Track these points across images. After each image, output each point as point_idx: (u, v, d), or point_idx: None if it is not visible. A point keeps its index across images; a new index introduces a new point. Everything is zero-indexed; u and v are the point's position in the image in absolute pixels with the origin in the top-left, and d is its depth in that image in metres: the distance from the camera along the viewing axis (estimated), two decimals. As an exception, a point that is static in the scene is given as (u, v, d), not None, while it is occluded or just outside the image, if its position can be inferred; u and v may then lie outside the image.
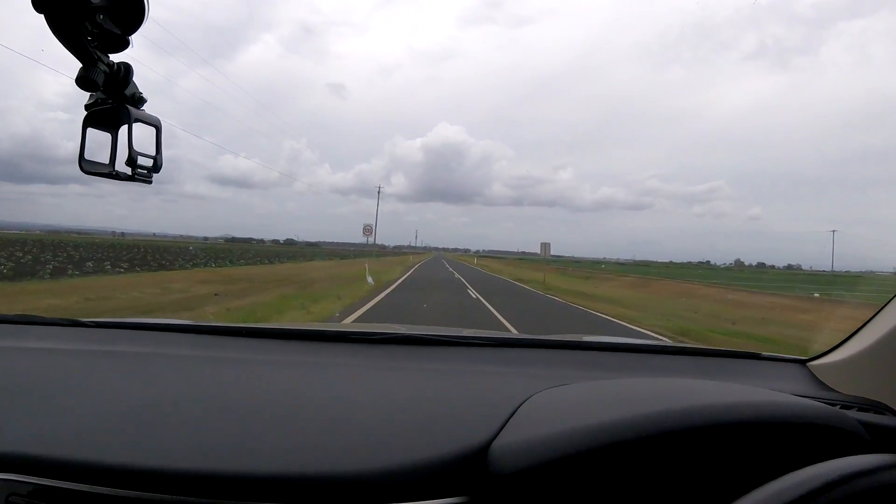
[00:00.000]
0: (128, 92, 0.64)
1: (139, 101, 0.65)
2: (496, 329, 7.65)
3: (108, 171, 0.64)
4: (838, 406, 0.92)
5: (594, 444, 0.65)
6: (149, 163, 0.66)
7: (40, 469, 0.65)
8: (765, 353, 1.36)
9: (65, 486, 0.64)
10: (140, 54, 0.61)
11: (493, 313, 10.06)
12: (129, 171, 0.64)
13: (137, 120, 0.64)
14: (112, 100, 0.63)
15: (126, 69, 0.63)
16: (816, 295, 18.26)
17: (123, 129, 0.64)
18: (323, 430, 0.76)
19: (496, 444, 0.71)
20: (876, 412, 0.95)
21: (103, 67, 0.60)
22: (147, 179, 0.66)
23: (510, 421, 0.77)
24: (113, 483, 0.63)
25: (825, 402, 0.88)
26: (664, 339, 7.11)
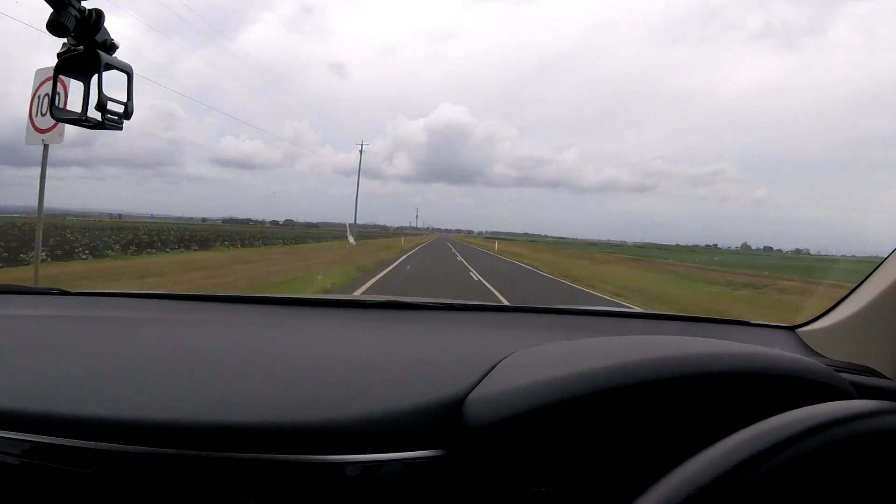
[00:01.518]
0: (99, 38, 0.63)
1: (111, 47, 0.64)
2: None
3: (78, 118, 0.64)
4: None
5: (570, 394, 0.65)
6: (119, 108, 0.65)
7: (23, 424, 0.66)
8: (753, 321, 1.36)
9: (46, 441, 0.64)
10: (142, 35, 0.66)
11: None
12: (98, 116, 0.64)
13: (108, 66, 0.63)
14: (83, 45, 0.63)
15: (97, 14, 0.62)
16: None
17: (96, 78, 0.64)
18: (301, 382, 0.77)
19: (472, 396, 0.71)
20: (864, 376, 0.93)
21: (74, 12, 0.59)
22: (118, 125, 0.66)
23: (487, 376, 0.77)
24: (94, 437, 0.64)
25: None
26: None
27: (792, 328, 1.27)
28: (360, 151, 41.47)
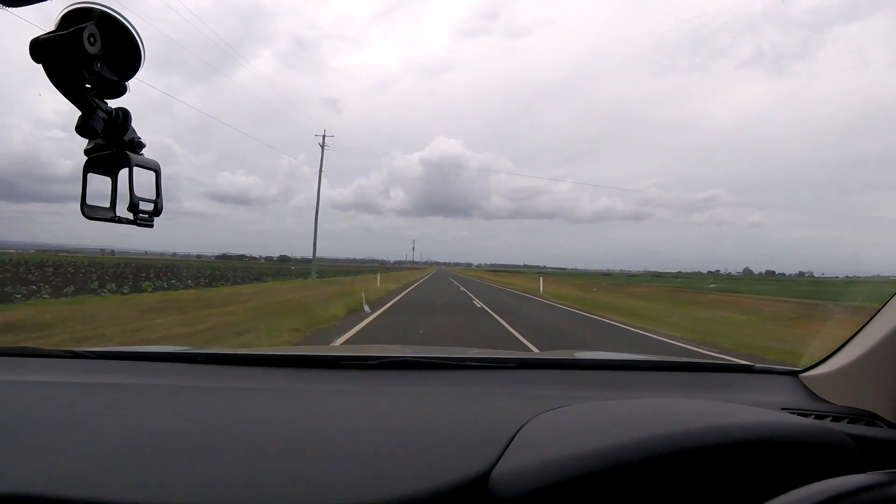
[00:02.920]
0: (126, 137, 0.64)
1: (138, 146, 0.66)
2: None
3: (109, 216, 0.64)
4: (829, 418, 0.99)
5: (592, 469, 0.68)
6: (150, 207, 0.66)
7: None
8: (756, 366, 1.39)
9: None
10: (140, 72, 0.63)
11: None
12: (130, 216, 0.65)
13: (137, 165, 0.64)
14: (111, 145, 0.64)
15: (124, 115, 0.63)
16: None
17: (123, 173, 0.64)
18: (320, 461, 0.77)
19: (497, 470, 0.72)
20: (867, 422, 0.98)
21: (102, 114, 0.61)
22: (148, 224, 0.67)
23: (510, 446, 0.78)
24: None
25: (816, 415, 0.99)
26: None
27: (795, 373, 1.29)
28: (322, 146, 32.18)
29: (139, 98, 0.65)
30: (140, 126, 0.66)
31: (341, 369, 1.34)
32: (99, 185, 0.65)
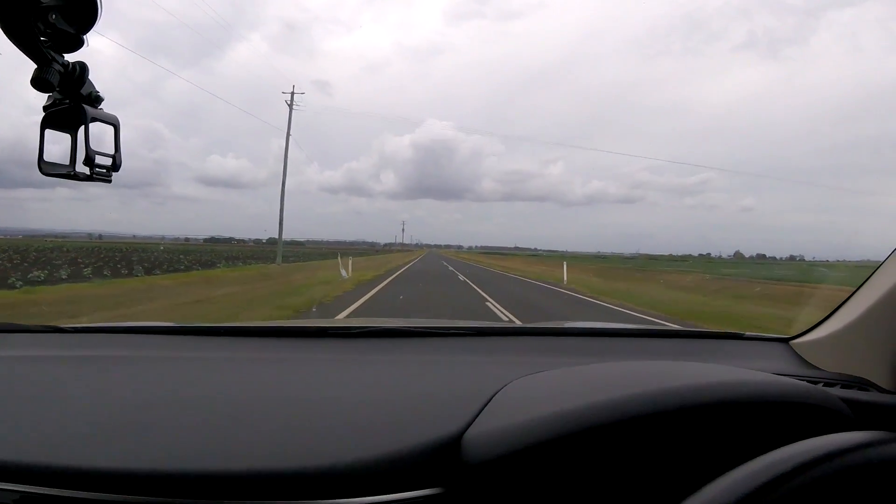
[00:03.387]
0: (84, 91, 0.63)
1: (96, 99, 0.64)
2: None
3: (66, 172, 0.64)
4: (821, 384, 0.94)
5: (566, 430, 0.66)
6: (107, 161, 0.65)
7: (27, 476, 0.66)
8: (747, 333, 1.37)
9: (52, 493, 0.64)
10: (127, 55, 0.51)
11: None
12: (87, 170, 0.64)
13: (95, 119, 0.64)
14: (69, 100, 0.63)
15: (82, 68, 0.62)
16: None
17: (82, 130, 0.64)
18: (299, 426, 0.78)
19: (469, 433, 0.71)
20: (859, 388, 0.95)
21: (58, 67, 0.60)
22: (106, 178, 0.66)
23: (484, 410, 0.77)
24: (99, 488, 0.64)
25: (808, 380, 0.90)
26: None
27: (786, 340, 1.27)
28: (290, 105, 26.37)
29: (127, 83, 0.60)
30: (128, 111, 0.55)
31: (324, 338, 1.34)
32: (59, 146, 0.63)
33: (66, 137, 0.64)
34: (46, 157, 0.63)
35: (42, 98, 0.63)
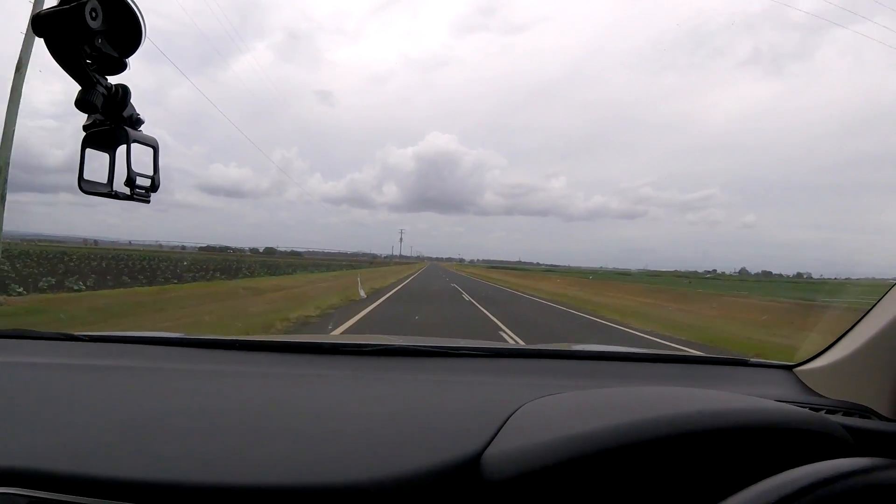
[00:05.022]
0: (125, 113, 0.65)
1: (136, 122, 0.66)
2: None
3: (106, 192, 0.65)
4: (823, 411, 0.96)
5: (583, 452, 0.68)
6: (146, 182, 0.67)
7: (37, 482, 0.66)
8: (752, 360, 1.38)
9: (61, 499, 0.65)
10: (132, 63, 0.64)
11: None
12: (127, 190, 0.66)
13: (135, 141, 0.65)
14: (110, 121, 0.65)
15: (124, 91, 0.64)
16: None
17: (121, 150, 0.65)
18: (316, 441, 0.78)
19: (488, 452, 0.73)
20: (861, 416, 0.97)
21: (101, 90, 0.61)
22: (145, 199, 0.68)
23: (502, 430, 0.78)
24: (109, 496, 0.65)
25: (811, 407, 0.93)
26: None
27: (790, 367, 1.28)
28: None
29: (133, 90, 0.64)
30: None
31: (339, 355, 1.35)
32: (97, 164, 0.65)
33: (104, 156, 0.65)
34: (86, 176, 0.64)
35: (83, 117, 0.64)
